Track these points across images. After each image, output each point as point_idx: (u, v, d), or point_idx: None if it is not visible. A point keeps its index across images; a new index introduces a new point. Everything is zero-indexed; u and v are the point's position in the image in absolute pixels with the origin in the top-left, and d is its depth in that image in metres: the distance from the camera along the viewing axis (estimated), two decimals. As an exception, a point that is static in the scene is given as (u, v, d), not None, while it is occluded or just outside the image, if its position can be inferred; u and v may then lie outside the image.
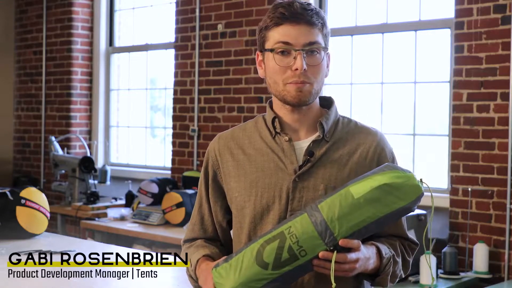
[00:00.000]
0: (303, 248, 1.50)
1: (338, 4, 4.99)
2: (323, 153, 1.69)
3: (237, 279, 1.53)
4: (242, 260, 1.54)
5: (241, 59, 5.12)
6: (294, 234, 1.50)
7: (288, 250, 1.50)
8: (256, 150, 1.74)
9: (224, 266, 1.57)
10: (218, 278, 1.57)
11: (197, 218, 1.84)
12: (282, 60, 1.66)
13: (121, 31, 6.59)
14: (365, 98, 4.90)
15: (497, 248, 3.93)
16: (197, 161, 5.46)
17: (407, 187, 1.53)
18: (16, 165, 7.02)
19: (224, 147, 1.78)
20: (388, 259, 1.66)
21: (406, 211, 1.55)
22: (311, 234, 1.50)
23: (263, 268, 1.51)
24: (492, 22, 3.96)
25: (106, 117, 6.60)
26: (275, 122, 1.73)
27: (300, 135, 1.73)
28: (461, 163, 4.08)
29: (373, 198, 1.51)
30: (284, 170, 1.69)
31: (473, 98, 4.04)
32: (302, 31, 1.65)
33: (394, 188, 1.52)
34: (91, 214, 5.21)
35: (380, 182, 1.52)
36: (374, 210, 1.51)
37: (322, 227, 1.50)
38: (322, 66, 1.69)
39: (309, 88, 1.66)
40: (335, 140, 1.72)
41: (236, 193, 1.74)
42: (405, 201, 1.52)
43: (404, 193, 1.52)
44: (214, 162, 1.80)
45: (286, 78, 1.66)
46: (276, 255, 1.50)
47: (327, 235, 1.49)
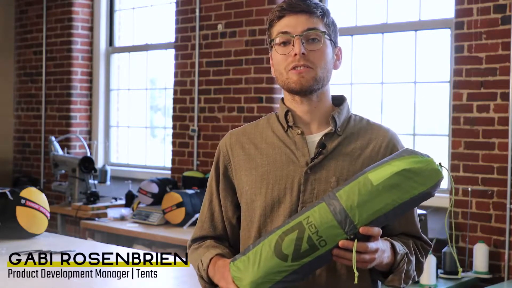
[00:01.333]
0: (322, 238, 1.46)
1: (338, 4, 4.99)
2: (335, 146, 1.70)
3: (256, 272, 1.50)
4: (261, 252, 1.51)
5: (241, 59, 5.12)
6: (313, 224, 1.47)
7: (307, 240, 1.47)
8: (267, 144, 1.75)
9: (242, 259, 1.55)
10: (236, 272, 1.55)
11: (207, 215, 1.83)
12: (283, 50, 1.70)
13: (121, 31, 6.59)
14: (365, 98, 4.90)
15: (497, 248, 3.93)
16: (197, 161, 5.46)
17: (426, 171, 1.49)
18: (16, 165, 7.02)
19: (235, 142, 1.80)
20: (402, 256, 1.64)
21: (426, 197, 1.52)
22: (330, 223, 1.47)
23: (282, 260, 1.48)
24: (492, 22, 3.96)
25: (106, 117, 6.60)
26: (288, 116, 1.74)
27: (312, 129, 1.74)
28: (461, 163, 4.08)
29: (393, 184, 1.47)
30: (296, 162, 1.69)
31: (473, 98, 4.04)
32: (300, 20, 1.69)
33: (414, 173, 1.48)
34: (91, 214, 5.21)
35: (399, 167, 1.48)
36: (394, 197, 1.47)
37: (341, 215, 1.47)
38: (325, 52, 1.70)
39: (311, 74, 1.68)
40: (347, 134, 1.72)
41: (246, 186, 1.74)
42: (425, 186, 1.49)
43: (424, 178, 1.49)
44: (225, 157, 1.80)
45: (287, 64, 1.69)
46: (295, 246, 1.47)
47: (347, 224, 1.46)
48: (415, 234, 1.75)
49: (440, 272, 3.88)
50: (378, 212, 1.47)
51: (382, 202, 1.47)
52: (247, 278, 1.52)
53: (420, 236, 1.76)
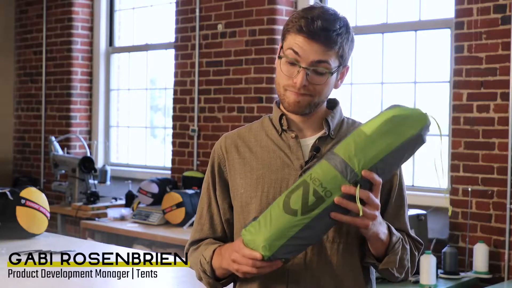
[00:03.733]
0: (327, 189, 1.53)
1: (338, 4, 4.99)
2: (328, 149, 1.71)
3: (269, 230, 1.55)
4: (270, 214, 1.57)
5: (241, 59, 5.12)
6: (316, 178, 1.54)
7: (313, 193, 1.53)
8: (262, 148, 1.76)
9: (252, 224, 1.59)
10: (248, 235, 1.58)
11: (206, 218, 1.84)
12: (287, 69, 1.68)
13: (121, 31, 6.59)
14: (365, 98, 4.91)
15: (497, 248, 3.93)
16: (197, 161, 5.46)
17: (415, 115, 1.59)
18: (16, 165, 7.02)
19: (230, 145, 1.81)
20: (398, 238, 1.67)
21: (419, 141, 1.59)
22: (332, 174, 1.53)
23: (292, 215, 1.54)
24: (492, 22, 3.96)
25: (106, 117, 6.60)
26: (282, 120, 1.76)
27: (306, 133, 1.76)
28: (461, 163, 4.08)
29: (385, 131, 1.56)
30: (290, 165, 1.71)
31: (473, 98, 4.04)
32: (315, 49, 1.64)
33: (403, 118, 1.57)
34: (91, 214, 5.22)
35: (389, 115, 1.58)
36: (388, 141, 1.55)
37: (342, 166, 1.54)
38: (328, 84, 1.70)
39: (308, 100, 1.69)
40: (340, 138, 1.74)
41: (241, 189, 1.75)
42: (415, 129, 1.57)
43: (413, 121, 1.58)
44: (220, 159, 1.81)
45: (287, 84, 1.69)
46: (303, 200, 1.53)
47: (348, 172, 1.53)
48: (405, 231, 1.77)
49: (440, 272, 3.88)
50: (376, 158, 1.55)
51: (377, 148, 1.55)
52: (260, 238, 1.56)
53: (409, 234, 1.78)
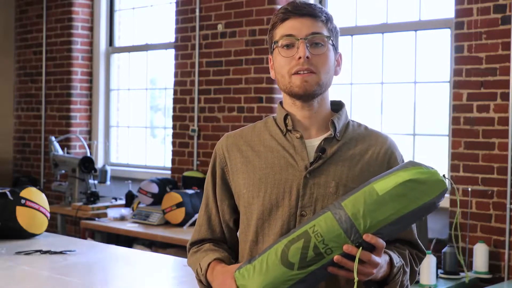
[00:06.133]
0: (329, 247, 1.48)
1: (338, 4, 4.99)
2: (334, 151, 1.69)
3: (263, 280, 1.51)
4: (267, 261, 1.52)
5: (241, 59, 5.12)
6: (318, 232, 1.49)
7: (313, 249, 1.48)
8: (265, 147, 1.74)
9: (247, 267, 1.55)
10: (241, 280, 1.55)
11: (203, 218, 1.83)
12: (286, 52, 1.69)
13: (121, 31, 6.59)
14: (365, 98, 4.90)
15: (497, 248, 3.93)
16: (197, 161, 5.46)
17: (431, 182, 1.51)
18: (16, 165, 7.02)
19: (232, 145, 1.79)
20: (399, 268, 1.65)
21: (431, 207, 1.53)
22: (336, 232, 1.48)
23: (288, 268, 1.49)
24: (492, 22, 3.96)
25: (106, 117, 6.60)
26: (287, 119, 1.73)
27: (311, 134, 1.73)
28: (461, 163, 4.08)
29: (398, 194, 1.49)
30: (294, 166, 1.69)
31: (473, 98, 4.04)
32: (305, 23, 1.68)
33: (419, 183, 1.50)
34: (91, 214, 5.21)
35: (404, 178, 1.50)
36: (399, 206, 1.49)
37: (347, 224, 1.48)
38: (328, 57, 1.70)
39: (315, 79, 1.67)
40: (346, 140, 1.72)
41: (244, 190, 1.73)
42: (429, 196, 1.51)
43: (429, 188, 1.51)
44: (221, 160, 1.79)
45: (291, 68, 1.68)
46: (301, 254, 1.48)
47: (352, 232, 1.48)
48: (411, 241, 1.76)
49: (440, 272, 3.88)
50: (383, 222, 1.49)
51: (387, 211, 1.49)
52: (253, 285, 1.52)
53: (417, 243, 1.77)
